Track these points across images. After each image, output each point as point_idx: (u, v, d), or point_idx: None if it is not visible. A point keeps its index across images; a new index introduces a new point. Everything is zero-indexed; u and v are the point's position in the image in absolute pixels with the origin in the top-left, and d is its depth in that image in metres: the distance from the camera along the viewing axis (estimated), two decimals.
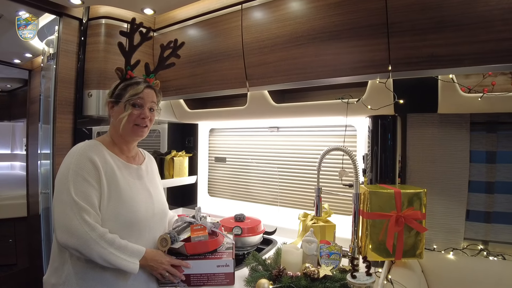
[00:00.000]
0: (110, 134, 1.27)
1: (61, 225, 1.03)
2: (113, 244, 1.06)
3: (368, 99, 1.55)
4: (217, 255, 1.26)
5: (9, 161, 4.88)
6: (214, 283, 1.23)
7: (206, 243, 1.26)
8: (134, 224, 1.16)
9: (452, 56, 1.28)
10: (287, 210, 2.23)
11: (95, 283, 1.10)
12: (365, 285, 1.18)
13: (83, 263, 1.09)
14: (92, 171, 1.10)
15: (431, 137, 1.74)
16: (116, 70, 1.27)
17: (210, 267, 1.23)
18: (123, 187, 1.16)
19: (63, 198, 1.05)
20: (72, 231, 1.02)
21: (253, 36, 1.73)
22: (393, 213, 1.41)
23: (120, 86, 1.24)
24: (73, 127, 2.04)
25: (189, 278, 1.22)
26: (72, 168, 1.08)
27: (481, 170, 1.66)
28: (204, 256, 1.25)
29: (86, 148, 1.15)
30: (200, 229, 1.28)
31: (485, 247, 1.65)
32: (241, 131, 2.50)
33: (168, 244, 1.20)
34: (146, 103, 1.24)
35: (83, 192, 1.06)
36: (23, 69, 3.06)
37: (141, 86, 1.23)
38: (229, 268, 1.24)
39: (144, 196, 1.24)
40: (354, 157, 1.51)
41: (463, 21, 1.23)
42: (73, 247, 1.02)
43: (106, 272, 1.10)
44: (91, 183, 1.09)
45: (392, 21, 1.36)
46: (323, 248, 1.40)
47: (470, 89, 1.43)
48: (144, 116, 1.23)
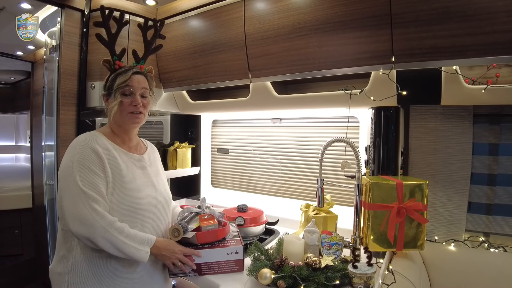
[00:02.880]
0: (110, 125, 1.27)
1: (71, 215, 1.04)
2: (122, 232, 1.07)
3: (371, 90, 1.54)
4: (226, 243, 1.28)
5: (14, 153, 4.92)
6: (224, 271, 1.26)
7: (216, 232, 1.28)
8: (138, 213, 1.17)
9: (456, 48, 1.27)
10: (289, 200, 2.25)
11: (101, 271, 1.11)
12: (366, 275, 1.20)
13: (89, 252, 1.10)
14: (96, 161, 1.11)
15: (433, 128, 1.73)
16: (103, 62, 1.26)
17: (221, 255, 1.25)
18: (126, 176, 1.17)
19: (71, 189, 1.06)
20: (82, 220, 1.03)
21: (255, 27, 1.72)
22: (394, 204, 1.41)
23: (110, 78, 1.24)
24: (77, 118, 2.05)
25: (200, 266, 1.24)
26: (76, 159, 1.09)
27: (484, 162, 1.66)
28: (214, 245, 1.27)
29: (88, 139, 1.15)
30: (209, 219, 1.30)
31: (486, 239, 1.65)
32: (243, 122, 2.50)
33: (180, 234, 1.21)
34: (137, 90, 1.22)
35: (90, 182, 1.07)
36: (26, 61, 3.06)
37: (128, 73, 1.22)
38: (239, 255, 1.26)
39: (147, 185, 1.24)
40: (356, 148, 1.51)
41: (468, 12, 1.22)
42: (85, 236, 1.03)
43: (112, 261, 1.12)
44: (96, 173, 1.09)
45: (395, 12, 1.35)
46: (325, 238, 1.41)
47: (474, 81, 1.42)
48: (136, 103, 1.21)
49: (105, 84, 1.25)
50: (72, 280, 1.09)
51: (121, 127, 1.25)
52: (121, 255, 1.08)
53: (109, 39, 1.29)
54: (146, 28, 1.38)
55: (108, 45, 1.28)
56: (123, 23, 1.32)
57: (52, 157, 2.12)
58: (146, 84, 1.27)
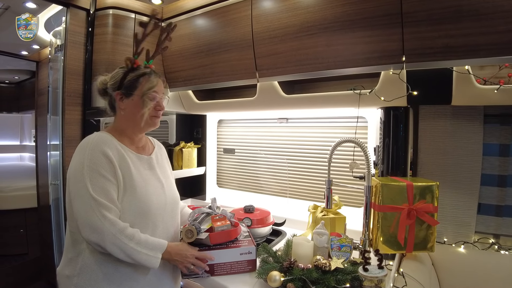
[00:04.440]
0: (120, 125, 1.23)
1: (83, 222, 1.03)
2: (133, 239, 1.05)
3: (381, 90, 1.52)
4: (238, 244, 1.29)
5: (18, 152, 4.93)
6: (237, 271, 1.26)
7: (229, 232, 1.28)
8: (148, 216, 1.15)
9: (468, 47, 1.24)
10: (296, 201, 2.23)
11: (110, 274, 1.10)
12: (377, 278, 1.18)
13: (99, 254, 1.09)
14: (107, 166, 1.09)
15: (443, 129, 1.71)
16: (127, 60, 1.22)
17: (234, 256, 1.26)
18: (137, 180, 1.15)
19: (82, 194, 1.04)
20: (93, 227, 1.02)
21: (263, 26, 1.70)
22: (405, 206, 1.40)
23: (130, 77, 1.19)
24: (82, 118, 2.04)
25: (213, 267, 1.23)
26: (86, 164, 1.06)
27: (494, 163, 1.63)
28: (226, 245, 1.27)
29: (98, 141, 1.12)
30: (221, 219, 1.30)
31: (496, 240, 1.63)
32: (249, 122, 2.49)
33: (194, 235, 1.21)
34: (160, 94, 1.23)
35: (101, 188, 1.05)
36: (30, 61, 3.06)
37: (154, 77, 1.21)
38: (251, 255, 1.27)
39: (156, 187, 1.23)
40: (366, 149, 1.49)
41: (481, 11, 1.19)
42: (96, 243, 1.02)
43: (122, 264, 1.10)
44: (108, 178, 1.08)
45: (406, 11, 1.32)
46: (334, 240, 1.40)
47: (486, 81, 1.40)
48: (160, 108, 1.22)
49: (121, 81, 1.19)
50: (81, 283, 1.08)
51: (136, 128, 1.23)
52: (132, 262, 1.07)
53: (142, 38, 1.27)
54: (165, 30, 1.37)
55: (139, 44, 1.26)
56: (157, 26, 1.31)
57: (57, 157, 2.11)
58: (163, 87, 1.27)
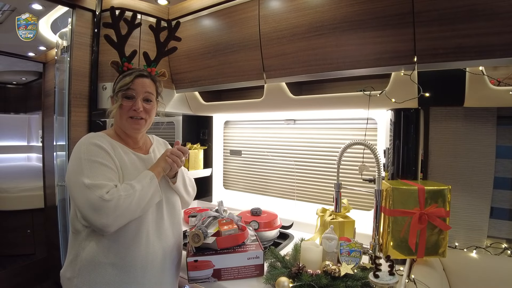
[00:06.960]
0: (114, 128, 1.25)
1: (87, 210, 1.00)
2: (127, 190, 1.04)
3: (391, 91, 1.48)
4: (245, 248, 1.27)
5: (26, 152, 4.97)
6: (244, 276, 1.25)
7: (236, 237, 1.26)
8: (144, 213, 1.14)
9: (482, 47, 1.20)
10: (303, 204, 2.20)
11: (108, 275, 1.08)
12: (388, 285, 1.15)
13: (94, 255, 1.07)
14: (104, 155, 1.09)
15: (455, 131, 1.67)
16: (111, 63, 1.22)
17: (241, 260, 1.24)
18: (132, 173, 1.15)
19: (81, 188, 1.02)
20: (96, 209, 0.99)
21: (270, 26, 1.67)
22: (416, 210, 1.36)
23: (117, 80, 1.21)
24: (88, 120, 2.04)
25: (220, 272, 1.22)
26: (83, 157, 1.06)
27: (507, 166, 1.59)
28: (234, 250, 1.25)
29: (89, 136, 1.14)
30: (228, 223, 1.28)
31: (509, 245, 1.59)
32: (256, 123, 2.46)
33: (201, 240, 1.19)
34: (139, 94, 1.18)
35: (101, 174, 1.04)
36: (37, 62, 3.08)
37: (132, 75, 1.18)
38: (259, 260, 1.26)
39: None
40: (377, 152, 1.46)
41: (496, 10, 1.15)
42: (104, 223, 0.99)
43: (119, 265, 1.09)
44: (106, 165, 1.08)
45: (418, 10, 1.29)
46: (343, 245, 1.36)
47: (500, 82, 1.36)
48: (136, 108, 1.17)
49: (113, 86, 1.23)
50: (81, 285, 1.07)
51: (123, 131, 1.22)
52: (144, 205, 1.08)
53: (119, 40, 1.26)
54: (158, 29, 1.34)
55: (117, 46, 1.25)
56: (134, 25, 1.29)
57: (64, 157, 2.12)
58: (152, 88, 1.23)
